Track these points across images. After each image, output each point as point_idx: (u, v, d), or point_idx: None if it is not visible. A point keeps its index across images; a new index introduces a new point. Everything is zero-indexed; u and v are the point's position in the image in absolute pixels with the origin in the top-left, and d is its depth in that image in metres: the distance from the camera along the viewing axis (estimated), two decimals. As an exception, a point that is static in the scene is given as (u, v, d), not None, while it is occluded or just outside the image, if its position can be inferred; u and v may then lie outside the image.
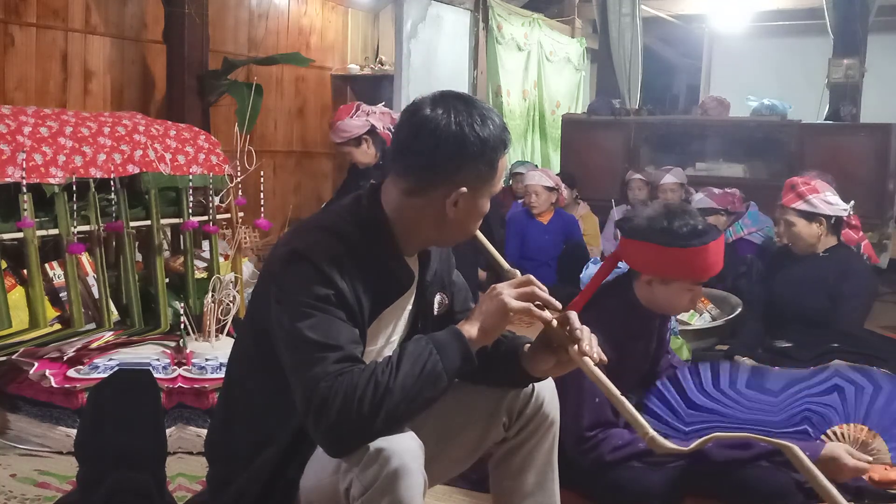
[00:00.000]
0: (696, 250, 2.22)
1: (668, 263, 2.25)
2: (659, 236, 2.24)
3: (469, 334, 1.49)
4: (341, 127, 3.97)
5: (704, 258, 2.24)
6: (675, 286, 2.29)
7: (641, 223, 2.30)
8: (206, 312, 2.98)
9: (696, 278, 2.29)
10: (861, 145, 5.64)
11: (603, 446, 2.23)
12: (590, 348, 1.52)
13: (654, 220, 2.27)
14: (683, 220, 2.24)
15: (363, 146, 3.98)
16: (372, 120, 3.98)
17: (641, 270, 2.34)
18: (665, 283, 2.29)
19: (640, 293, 2.35)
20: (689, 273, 2.27)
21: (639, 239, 2.29)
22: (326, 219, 1.61)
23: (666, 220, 2.25)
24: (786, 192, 3.42)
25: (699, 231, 2.24)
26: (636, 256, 2.33)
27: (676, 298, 2.31)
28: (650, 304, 2.35)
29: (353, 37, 7.20)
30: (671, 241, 2.22)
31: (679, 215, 2.26)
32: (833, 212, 3.34)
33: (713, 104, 6.52)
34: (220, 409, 1.77)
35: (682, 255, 2.22)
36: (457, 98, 1.56)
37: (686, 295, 2.31)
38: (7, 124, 2.92)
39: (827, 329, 3.27)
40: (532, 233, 5.15)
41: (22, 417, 2.68)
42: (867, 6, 6.09)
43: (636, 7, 6.96)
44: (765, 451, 2.17)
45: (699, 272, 2.28)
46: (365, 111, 4.02)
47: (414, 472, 1.41)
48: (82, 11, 4.84)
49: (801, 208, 3.34)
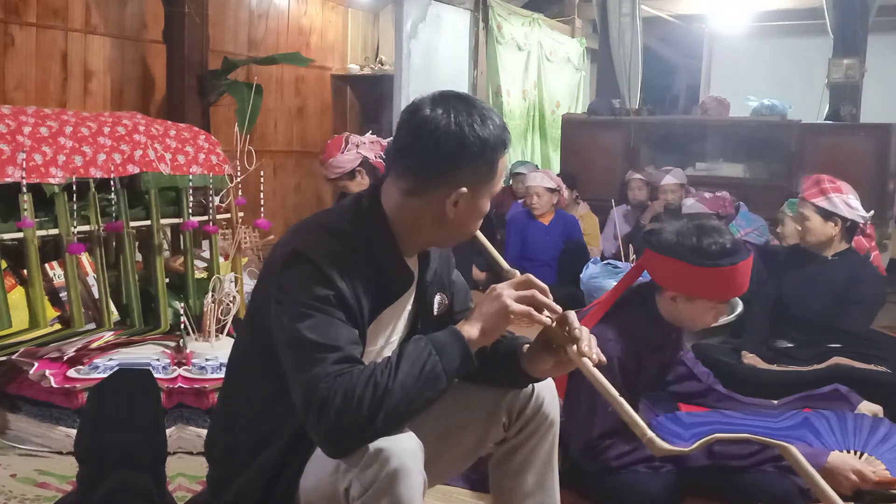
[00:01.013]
0: (725, 270, 2.16)
1: (696, 282, 2.20)
2: (688, 254, 2.18)
3: (469, 335, 1.49)
4: (333, 164, 3.99)
5: (733, 278, 2.19)
6: (699, 304, 2.24)
7: (670, 238, 2.24)
8: (206, 312, 2.98)
9: (723, 298, 2.25)
10: (861, 145, 5.64)
11: (609, 452, 2.22)
12: (589, 349, 1.52)
13: (684, 237, 2.21)
14: (713, 238, 2.18)
15: (357, 178, 4.00)
16: (363, 151, 3.99)
17: (667, 286, 2.28)
18: (690, 300, 2.24)
19: (662, 306, 2.31)
20: (717, 293, 2.22)
21: (667, 255, 2.23)
22: (326, 219, 1.62)
23: (696, 238, 2.19)
24: (809, 185, 3.37)
25: (729, 250, 2.18)
26: (662, 271, 2.28)
27: (700, 315, 2.27)
28: (672, 319, 2.31)
29: (353, 37, 7.20)
30: (701, 261, 2.16)
31: (709, 233, 2.20)
32: (851, 215, 3.30)
33: (713, 104, 6.52)
34: (220, 409, 1.77)
35: (711, 274, 2.17)
36: (457, 98, 1.56)
37: (710, 313, 2.27)
38: (7, 124, 2.91)
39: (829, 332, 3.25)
40: (533, 233, 5.15)
41: (22, 417, 2.68)
42: (867, 6, 6.08)
43: (636, 7, 6.96)
44: (767, 456, 2.17)
45: (727, 292, 2.24)
46: (355, 143, 4.02)
47: (414, 472, 1.41)
48: (82, 11, 4.84)
49: (820, 204, 3.29)
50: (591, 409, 2.20)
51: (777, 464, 2.16)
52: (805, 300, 3.34)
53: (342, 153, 3.98)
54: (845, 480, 2.17)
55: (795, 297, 3.39)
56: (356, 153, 3.98)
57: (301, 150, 6.67)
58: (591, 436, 2.22)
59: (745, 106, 6.39)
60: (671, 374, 2.57)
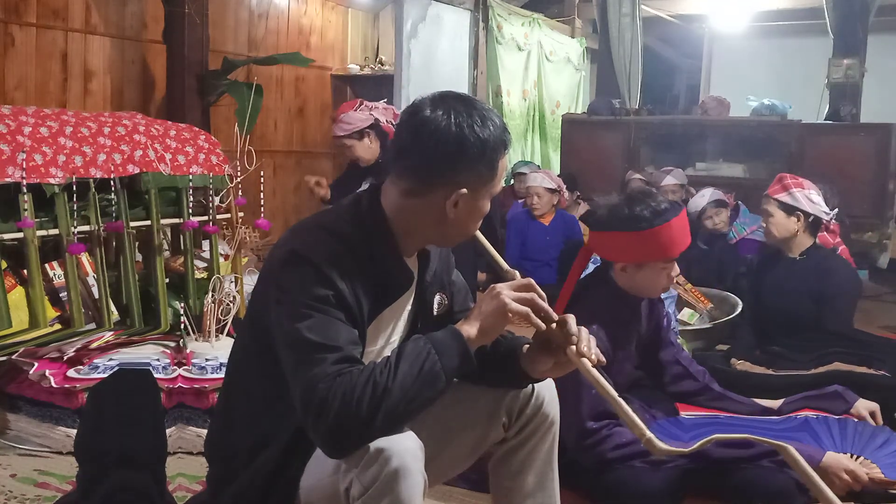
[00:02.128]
0: (660, 229, 2.27)
1: (637, 247, 2.30)
2: (623, 223, 2.29)
3: (468, 334, 1.49)
4: (345, 119, 3.96)
5: (670, 235, 2.29)
6: (649, 268, 2.34)
7: (604, 214, 2.36)
8: (206, 312, 2.98)
9: (666, 256, 2.32)
10: (861, 145, 5.65)
11: (606, 443, 2.24)
12: (588, 349, 1.53)
13: (616, 209, 2.33)
14: (644, 204, 2.29)
15: (365, 140, 3.96)
16: (375, 114, 3.98)
17: (614, 259, 2.38)
18: (639, 266, 2.34)
19: (619, 281, 2.40)
20: (659, 253, 2.31)
21: (605, 230, 2.35)
22: (326, 219, 1.62)
23: (627, 207, 2.30)
24: (773, 183, 3.43)
25: (661, 210, 2.28)
26: (606, 247, 2.39)
27: (654, 279, 2.36)
28: (631, 289, 2.40)
29: (353, 37, 7.20)
30: (636, 226, 2.27)
31: (638, 200, 2.31)
32: (813, 210, 3.32)
33: (713, 104, 6.52)
34: (220, 409, 1.77)
35: (649, 236, 2.27)
36: (457, 99, 1.56)
37: (662, 274, 2.35)
38: (7, 124, 2.92)
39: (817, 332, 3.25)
40: (533, 234, 5.15)
41: (22, 417, 2.68)
42: (867, 6, 6.09)
43: (636, 7, 6.96)
44: (764, 451, 2.17)
45: (668, 250, 2.31)
46: (368, 106, 4.04)
47: (414, 472, 1.41)
48: (82, 11, 4.84)
49: (783, 199, 3.32)
50: (577, 398, 2.22)
51: (773, 459, 2.17)
52: (784, 304, 3.36)
53: (355, 111, 3.98)
54: (838, 480, 2.18)
55: (773, 303, 3.41)
56: (368, 114, 3.98)
57: (301, 150, 6.67)
58: (583, 424, 2.23)
59: (745, 106, 6.39)
60: (668, 374, 2.58)
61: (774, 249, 3.50)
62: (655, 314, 2.56)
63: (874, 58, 6.31)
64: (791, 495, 2.15)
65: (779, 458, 2.11)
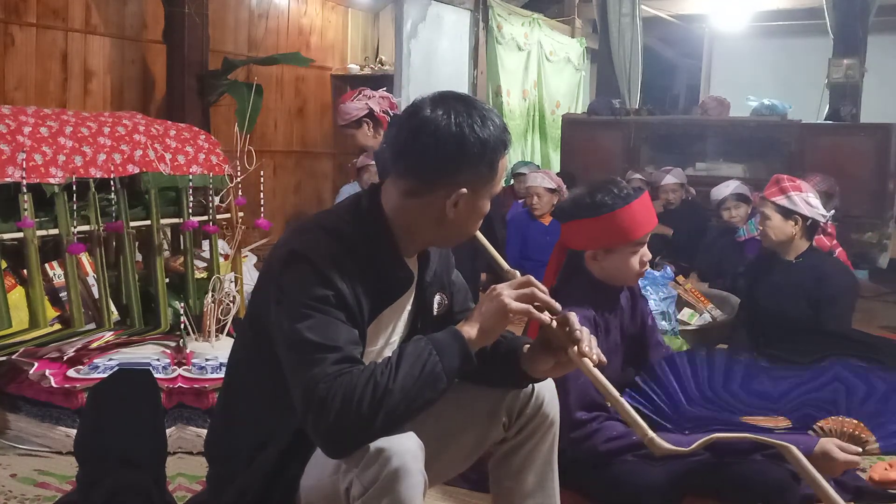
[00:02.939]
0: (622, 212, 2.30)
1: (602, 232, 2.33)
2: (586, 211, 2.33)
3: (468, 335, 1.49)
4: (342, 109, 4.14)
5: (632, 216, 2.32)
6: (618, 253, 2.36)
7: (568, 204, 2.42)
8: (206, 312, 2.98)
9: (631, 238, 2.34)
10: (861, 145, 5.65)
11: (597, 437, 2.24)
12: (589, 349, 1.53)
13: (579, 198, 2.38)
14: (605, 190, 2.33)
15: (364, 128, 4.07)
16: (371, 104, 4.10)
17: (583, 248, 2.41)
18: (608, 252, 2.37)
19: (592, 270, 2.42)
20: (624, 235, 2.33)
21: (570, 219, 2.39)
22: (326, 219, 1.62)
23: (589, 196, 2.34)
24: (770, 185, 3.40)
25: (622, 195, 2.32)
26: (575, 237, 2.42)
27: (625, 264, 2.37)
28: (605, 278, 2.41)
29: (353, 37, 7.20)
30: (597, 211, 2.31)
31: (599, 187, 2.35)
32: (811, 213, 3.30)
33: (713, 104, 6.52)
34: (219, 409, 1.77)
35: (611, 219, 2.30)
36: (456, 99, 1.56)
37: (633, 259, 2.37)
38: (7, 124, 2.92)
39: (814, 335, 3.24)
40: (533, 234, 5.16)
41: (22, 417, 2.68)
42: (867, 6, 6.09)
43: (636, 7, 6.97)
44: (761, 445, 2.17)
45: (632, 232, 2.33)
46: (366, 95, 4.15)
47: (414, 472, 1.41)
48: (82, 11, 4.83)
49: (780, 203, 3.30)
50: (564, 391, 2.21)
51: (767, 452, 2.17)
52: (779, 307, 3.34)
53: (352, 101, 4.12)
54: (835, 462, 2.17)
55: (769, 306, 3.39)
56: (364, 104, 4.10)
57: (301, 150, 6.67)
58: (571, 415, 2.23)
59: (745, 106, 6.39)
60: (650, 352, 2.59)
61: (770, 252, 3.48)
62: (639, 311, 2.58)
63: (874, 58, 6.31)
64: (788, 488, 2.15)
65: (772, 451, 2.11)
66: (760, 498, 2.15)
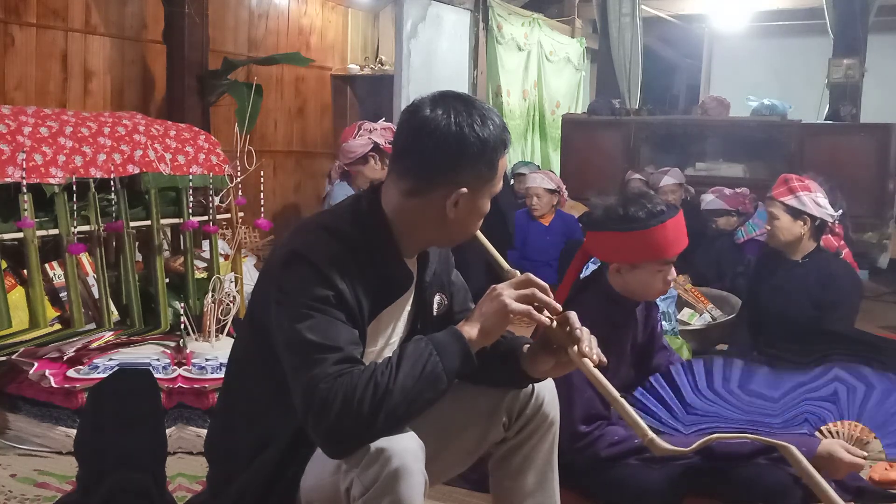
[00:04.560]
0: (655, 230, 2.26)
1: (631, 248, 2.29)
2: (618, 223, 2.29)
3: (469, 335, 1.49)
4: (346, 149, 4.19)
5: (664, 236, 2.28)
6: (644, 269, 2.32)
7: (600, 214, 2.36)
8: (206, 312, 2.98)
9: (660, 257, 2.31)
10: (861, 145, 5.64)
11: (598, 443, 2.24)
12: (590, 350, 1.52)
13: (611, 210, 2.32)
14: (639, 204, 2.28)
15: (371, 163, 4.16)
16: (374, 137, 4.14)
17: (608, 260, 2.37)
18: (634, 268, 2.32)
19: (614, 283, 2.38)
20: (653, 254, 2.29)
21: (599, 230, 2.35)
22: (326, 219, 1.62)
23: (622, 208, 2.29)
24: (778, 185, 3.37)
25: (656, 212, 2.27)
26: (601, 247, 2.38)
27: (649, 281, 2.34)
28: (626, 292, 2.38)
29: (353, 37, 7.19)
30: (630, 226, 2.26)
31: (634, 200, 2.30)
32: (820, 214, 3.28)
33: (713, 104, 6.52)
34: (220, 409, 1.77)
35: (642, 237, 2.26)
36: (456, 98, 1.56)
37: (657, 277, 2.33)
38: (7, 124, 2.92)
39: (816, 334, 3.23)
40: (533, 234, 5.16)
41: (22, 417, 2.68)
42: (867, 6, 6.09)
43: (636, 7, 6.96)
44: (762, 448, 2.17)
45: (662, 251, 2.30)
46: (367, 129, 4.17)
47: (415, 472, 1.41)
48: (82, 11, 4.83)
49: (789, 203, 3.27)
50: (569, 401, 2.20)
51: (770, 455, 2.17)
52: (783, 307, 3.32)
53: (354, 139, 4.12)
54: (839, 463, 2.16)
55: (773, 306, 3.37)
56: (367, 139, 4.12)
57: (301, 150, 6.67)
58: (576, 427, 2.23)
59: (745, 106, 6.39)
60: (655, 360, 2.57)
61: (775, 251, 3.46)
62: (651, 319, 2.56)
63: (874, 58, 6.31)
64: (789, 491, 2.15)
65: (775, 455, 2.11)
66: (761, 500, 2.15)
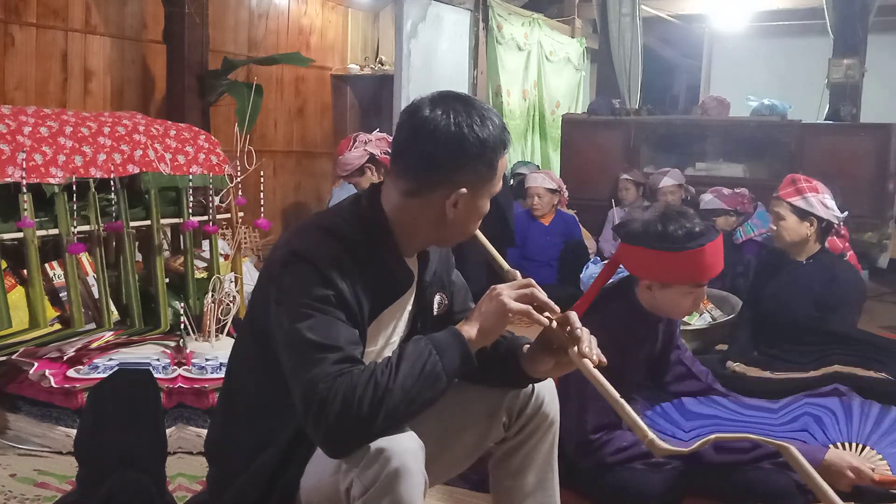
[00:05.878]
0: (692, 253, 2.19)
1: (666, 268, 2.23)
2: (654, 241, 2.22)
3: (468, 335, 1.49)
4: (342, 161, 4.24)
5: (702, 260, 2.21)
6: (675, 289, 2.26)
7: (637, 228, 2.29)
8: (206, 312, 2.99)
9: (694, 281, 2.25)
10: (861, 145, 5.63)
11: (605, 449, 2.23)
12: (589, 350, 1.52)
13: (650, 225, 2.25)
14: (679, 224, 2.22)
15: (367, 174, 4.19)
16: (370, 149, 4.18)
17: (640, 276, 2.31)
18: (665, 286, 2.26)
19: (641, 297, 2.33)
20: (688, 276, 2.24)
21: (635, 244, 2.28)
22: (326, 219, 1.62)
23: (661, 224, 2.23)
24: (785, 185, 3.34)
25: (695, 233, 2.21)
26: (634, 261, 2.32)
27: (678, 302, 2.28)
28: (652, 308, 2.33)
29: (353, 37, 7.20)
30: (667, 246, 2.20)
31: (674, 218, 2.23)
32: (827, 215, 3.26)
33: (713, 104, 6.51)
34: (220, 409, 1.77)
35: (679, 258, 2.20)
36: (456, 99, 1.56)
37: (688, 298, 2.28)
38: (7, 124, 2.91)
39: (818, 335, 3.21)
40: (533, 234, 5.16)
41: (22, 417, 2.68)
42: (867, 6, 6.08)
43: (636, 7, 6.96)
44: (765, 453, 2.17)
45: (697, 275, 2.24)
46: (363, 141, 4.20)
47: (415, 472, 1.41)
48: (82, 11, 4.83)
49: (796, 203, 3.25)
50: (582, 407, 2.20)
51: (774, 460, 2.16)
52: (785, 308, 3.30)
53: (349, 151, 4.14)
54: (843, 478, 2.16)
55: (776, 306, 3.35)
56: (363, 150, 4.15)
57: (301, 150, 6.67)
58: (585, 434, 2.22)
59: (745, 106, 6.39)
60: (670, 374, 2.56)
61: (778, 252, 3.44)
62: (670, 331, 2.51)
63: (874, 58, 6.30)
64: (791, 496, 2.14)
65: (779, 460, 2.11)
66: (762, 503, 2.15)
